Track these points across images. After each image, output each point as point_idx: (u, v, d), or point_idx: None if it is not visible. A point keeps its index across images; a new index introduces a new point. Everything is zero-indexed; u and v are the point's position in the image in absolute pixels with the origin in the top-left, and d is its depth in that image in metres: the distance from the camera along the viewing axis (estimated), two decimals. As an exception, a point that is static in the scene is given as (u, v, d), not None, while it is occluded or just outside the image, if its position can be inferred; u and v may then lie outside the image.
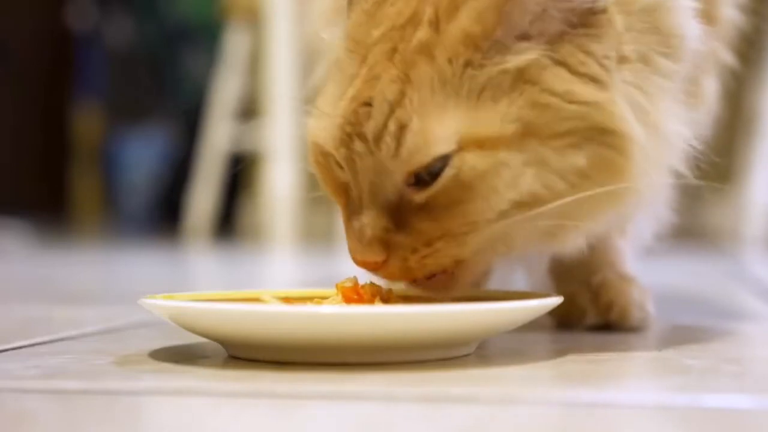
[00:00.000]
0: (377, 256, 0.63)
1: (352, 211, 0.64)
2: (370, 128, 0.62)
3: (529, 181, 0.62)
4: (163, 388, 0.56)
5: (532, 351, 0.70)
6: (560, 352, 0.67)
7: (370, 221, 0.63)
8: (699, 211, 2.35)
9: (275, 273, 1.80)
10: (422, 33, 0.62)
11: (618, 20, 0.63)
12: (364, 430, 0.46)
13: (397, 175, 0.62)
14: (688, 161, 0.78)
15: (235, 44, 2.72)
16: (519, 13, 0.62)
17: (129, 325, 0.84)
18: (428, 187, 0.62)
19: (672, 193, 0.89)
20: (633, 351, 0.70)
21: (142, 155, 4.39)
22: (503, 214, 0.62)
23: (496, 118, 0.61)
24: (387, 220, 0.63)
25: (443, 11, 0.62)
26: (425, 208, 0.63)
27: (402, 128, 0.61)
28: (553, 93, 0.61)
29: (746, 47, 0.82)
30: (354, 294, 0.65)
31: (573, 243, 0.68)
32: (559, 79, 0.62)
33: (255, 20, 2.64)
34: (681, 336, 0.77)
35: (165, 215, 3.94)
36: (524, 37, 0.62)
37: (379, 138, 0.61)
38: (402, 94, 0.61)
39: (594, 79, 0.62)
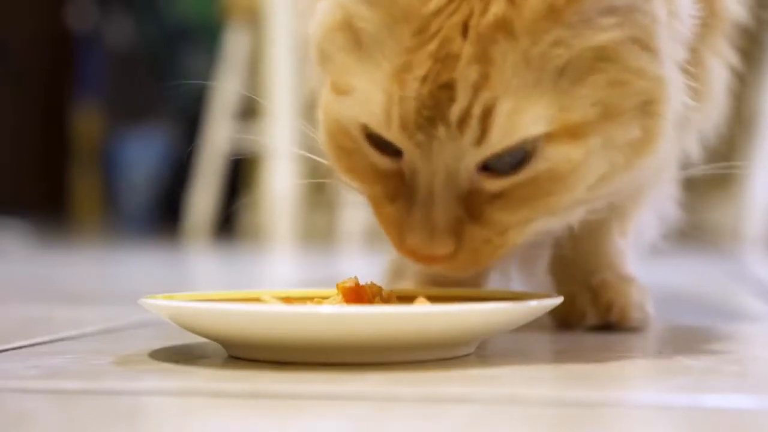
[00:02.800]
0: (447, 248, 0.60)
1: (412, 201, 0.61)
2: (454, 112, 0.58)
3: (603, 164, 0.61)
4: (163, 388, 0.56)
5: (532, 351, 0.70)
6: (560, 352, 0.67)
7: (444, 212, 0.60)
8: (699, 211, 2.35)
9: (275, 273, 1.80)
10: (498, 7, 0.57)
11: None
12: (364, 430, 0.46)
13: (474, 161, 0.59)
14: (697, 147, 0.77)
15: (235, 44, 2.72)
16: None
17: (129, 325, 0.84)
18: (504, 175, 0.60)
19: (675, 192, 0.89)
20: (633, 351, 0.70)
21: (142, 155, 4.39)
22: (579, 200, 0.62)
23: (583, 101, 0.59)
24: (460, 210, 0.61)
25: None
26: (501, 197, 0.61)
27: (488, 111, 0.58)
28: (629, 71, 0.59)
29: (748, 46, 0.82)
30: (354, 294, 0.65)
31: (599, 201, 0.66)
32: (633, 56, 0.59)
33: (255, 20, 2.64)
34: (681, 336, 0.77)
35: (165, 215, 3.94)
36: (610, 10, 0.59)
37: (463, 122, 0.58)
38: (485, 76, 0.57)
39: (655, 52, 0.60)
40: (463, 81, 0.58)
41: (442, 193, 0.60)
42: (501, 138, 0.58)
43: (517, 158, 0.59)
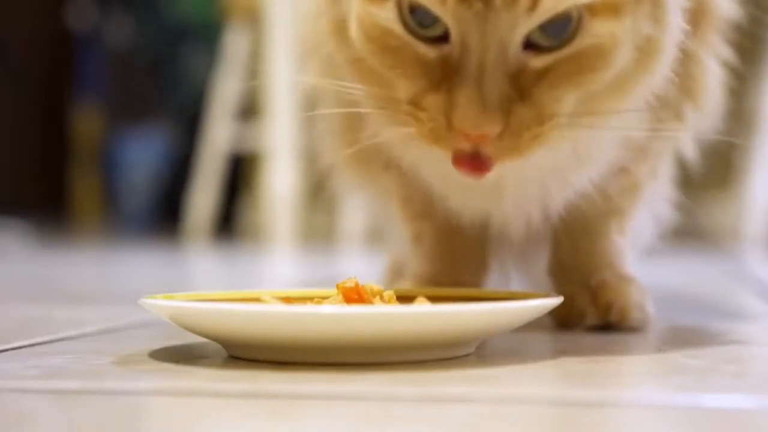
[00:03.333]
0: (497, 125, 0.60)
1: (465, 80, 0.60)
2: None
3: (630, 49, 0.62)
4: (163, 388, 0.56)
5: (532, 351, 0.70)
6: (560, 352, 0.67)
7: (495, 87, 0.60)
8: (699, 211, 2.35)
9: (275, 273, 1.80)
10: None
11: None
12: (363, 431, 0.46)
13: (524, 33, 0.60)
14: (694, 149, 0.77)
15: (235, 44, 2.72)
16: None
17: (129, 325, 0.84)
18: (551, 51, 0.60)
19: (672, 192, 0.89)
20: (633, 351, 0.70)
21: (142, 155, 4.39)
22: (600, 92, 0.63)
23: None
24: (509, 88, 0.60)
25: None
26: (546, 74, 0.61)
27: None
28: None
29: (746, 44, 0.82)
30: (354, 294, 0.65)
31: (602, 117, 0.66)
32: None
33: (255, 20, 2.64)
34: (681, 336, 0.78)
35: (165, 215, 3.94)
36: None
37: None
38: None
39: None
40: None
41: (494, 69, 0.60)
42: (553, 4, 0.59)
43: (562, 33, 0.60)
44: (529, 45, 0.60)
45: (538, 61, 0.61)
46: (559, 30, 0.60)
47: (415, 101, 0.62)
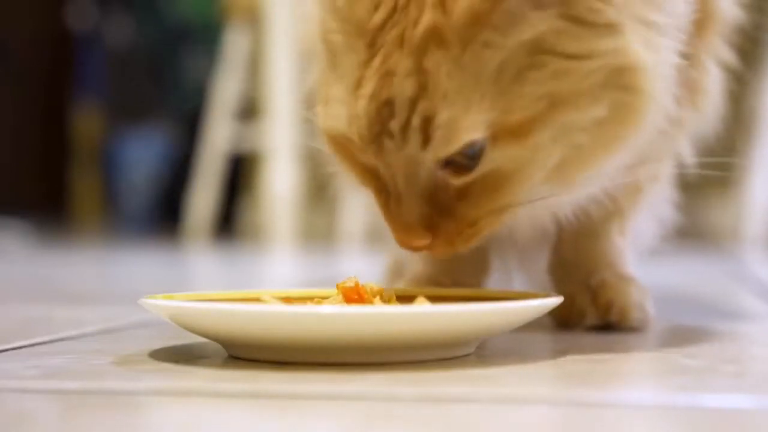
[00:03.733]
0: (423, 240, 0.63)
1: (391, 198, 0.63)
2: (395, 126, 0.60)
3: (558, 151, 0.61)
4: (163, 388, 0.56)
5: (532, 351, 0.70)
6: (560, 352, 0.67)
7: (410, 210, 0.63)
8: (699, 211, 2.35)
9: (275, 273, 1.80)
10: (428, 16, 0.59)
11: None
12: (363, 431, 0.46)
13: (429, 164, 0.61)
14: (693, 151, 0.77)
15: (235, 44, 2.72)
16: None
17: (129, 325, 0.84)
18: (466, 171, 0.61)
19: (673, 193, 0.89)
20: (633, 351, 0.70)
21: (142, 155, 4.39)
22: (539, 186, 0.63)
23: (523, 100, 0.59)
24: (427, 207, 0.63)
25: None
26: (464, 192, 0.62)
27: (427, 121, 0.59)
28: (572, 56, 0.60)
29: (747, 46, 0.82)
30: (354, 294, 0.65)
31: (577, 187, 0.66)
32: (576, 40, 0.60)
33: (255, 20, 2.64)
34: (681, 336, 0.78)
35: (165, 215, 3.94)
36: (537, 4, 0.59)
37: (405, 134, 0.60)
38: (421, 87, 0.59)
39: (610, 26, 0.60)
40: (400, 96, 0.60)
41: (407, 194, 0.63)
42: (442, 146, 0.60)
43: (472, 152, 0.61)
44: (450, 163, 0.61)
45: (456, 181, 0.62)
46: (471, 152, 0.61)
47: (370, 196, 0.66)
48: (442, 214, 0.63)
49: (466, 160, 0.61)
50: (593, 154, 0.63)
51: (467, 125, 0.59)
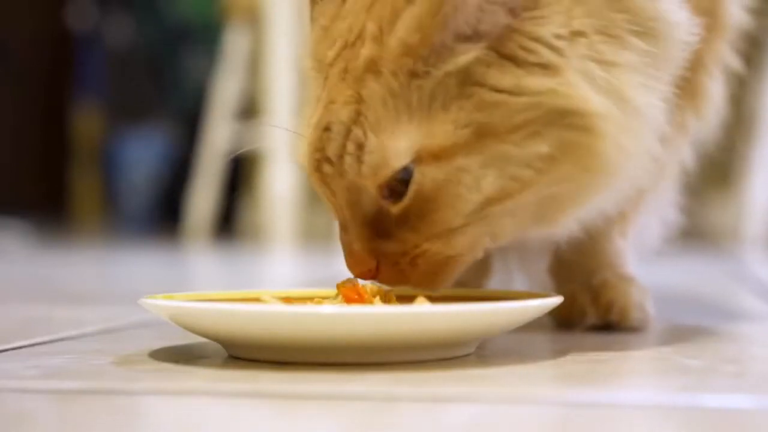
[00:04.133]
0: (368, 265, 0.65)
1: (340, 226, 0.66)
2: (331, 151, 0.63)
3: (491, 180, 0.62)
4: (163, 388, 0.56)
5: (532, 351, 0.70)
6: (560, 352, 0.67)
7: (355, 235, 0.65)
8: (699, 211, 2.35)
9: (275, 273, 1.80)
10: (367, 49, 0.62)
11: None
12: (364, 430, 0.46)
13: (369, 190, 0.63)
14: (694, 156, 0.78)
15: (235, 44, 2.72)
16: (457, 16, 0.60)
17: (129, 325, 0.84)
18: (398, 200, 0.63)
19: (676, 195, 0.89)
20: (633, 351, 0.70)
21: (142, 155, 4.39)
22: (475, 214, 0.63)
23: (448, 126, 0.61)
24: (370, 232, 0.64)
25: (385, 24, 0.61)
26: (402, 218, 0.64)
27: (359, 147, 0.62)
28: (501, 90, 0.61)
29: (748, 48, 0.82)
30: (354, 294, 0.65)
31: (564, 225, 0.68)
32: (506, 75, 0.61)
33: (255, 20, 2.64)
34: (681, 336, 0.78)
35: (165, 215, 3.94)
36: (466, 38, 0.61)
37: (341, 160, 0.63)
38: (356, 114, 0.62)
39: (545, 66, 0.61)
40: (337, 122, 0.63)
41: (350, 221, 0.65)
42: (372, 171, 0.62)
43: (406, 180, 0.62)
44: (388, 190, 0.63)
45: (395, 207, 0.64)
46: (403, 180, 0.62)
47: None
48: (384, 240, 0.64)
49: (400, 186, 0.62)
50: (568, 197, 0.64)
51: (396, 151, 0.61)
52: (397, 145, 0.61)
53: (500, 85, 0.61)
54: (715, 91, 0.78)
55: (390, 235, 0.64)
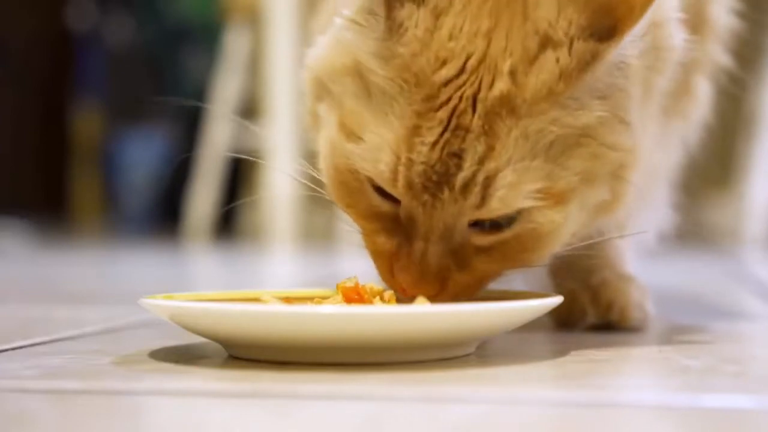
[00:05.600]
0: (433, 290, 0.65)
1: (410, 245, 0.64)
2: (459, 179, 0.62)
3: (575, 223, 0.66)
4: (163, 388, 0.56)
5: (532, 351, 0.70)
6: (560, 352, 0.67)
7: (435, 259, 0.64)
8: (699, 211, 2.35)
9: (275, 273, 1.80)
10: (503, 84, 0.62)
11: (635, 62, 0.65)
12: (364, 430, 0.46)
13: (468, 220, 0.64)
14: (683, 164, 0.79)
15: (235, 44, 2.72)
16: (602, 73, 0.63)
17: (129, 325, 0.84)
18: (492, 233, 0.64)
19: (673, 194, 0.89)
20: (633, 351, 0.70)
21: (142, 155, 4.38)
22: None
23: (568, 173, 0.63)
24: (448, 259, 0.65)
25: (519, 62, 0.62)
26: (486, 250, 0.65)
27: (489, 181, 0.62)
28: (606, 145, 0.64)
29: (746, 50, 0.83)
30: (354, 294, 0.65)
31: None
32: (611, 132, 0.64)
33: (255, 20, 2.64)
34: (681, 336, 0.78)
35: (165, 215, 3.94)
36: (599, 95, 0.63)
37: (466, 189, 0.62)
38: (490, 148, 0.62)
39: (629, 125, 0.65)
40: (472, 151, 0.62)
41: (437, 244, 0.64)
42: (499, 206, 0.63)
43: (506, 219, 0.64)
44: (476, 223, 0.64)
45: (480, 240, 0.65)
46: (503, 217, 0.64)
47: (366, 234, 0.67)
48: (459, 268, 0.65)
49: (492, 223, 0.64)
50: (582, 230, 0.69)
51: (524, 191, 0.62)
52: (525, 186, 0.62)
53: (607, 141, 0.64)
54: (702, 92, 0.79)
55: (466, 265, 0.65)
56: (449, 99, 0.62)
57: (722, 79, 0.84)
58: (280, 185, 2.43)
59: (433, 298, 0.64)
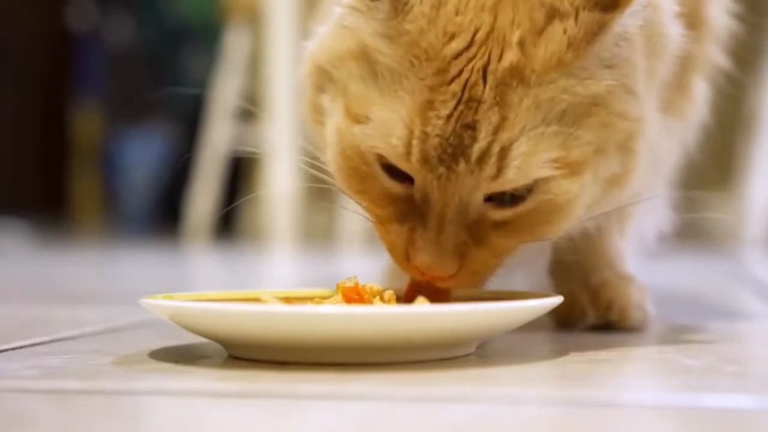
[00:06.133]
0: (452, 269, 0.64)
1: (428, 224, 0.64)
2: (475, 150, 0.62)
3: (590, 196, 0.66)
4: (163, 388, 0.56)
5: (532, 351, 0.70)
6: (560, 352, 0.67)
7: (452, 236, 0.64)
8: (699, 212, 2.35)
9: (275, 273, 1.80)
10: (512, 55, 0.62)
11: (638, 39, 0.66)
12: (364, 430, 0.46)
13: (484, 193, 0.63)
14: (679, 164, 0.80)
15: (235, 44, 2.72)
16: (608, 43, 0.64)
17: (129, 325, 0.84)
18: (509, 206, 0.64)
19: (673, 194, 0.89)
20: (633, 351, 0.70)
21: (142, 155, 4.39)
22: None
23: (580, 141, 0.64)
24: (465, 235, 0.64)
25: (527, 33, 0.63)
26: (503, 225, 0.65)
27: (505, 151, 0.62)
28: (616, 113, 0.65)
29: (745, 51, 0.83)
30: (354, 294, 0.65)
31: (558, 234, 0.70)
32: (620, 101, 0.65)
33: (255, 20, 2.64)
34: (681, 336, 0.78)
35: (165, 215, 3.94)
36: (607, 64, 0.64)
37: (482, 160, 0.62)
38: (503, 118, 0.62)
39: (637, 95, 0.65)
40: (486, 122, 0.62)
41: (453, 220, 0.64)
42: (516, 176, 0.63)
43: (522, 191, 0.64)
44: (491, 198, 0.64)
45: (497, 214, 0.65)
46: (519, 190, 0.64)
47: (381, 221, 0.67)
48: (476, 243, 0.65)
49: (508, 197, 0.64)
50: (597, 205, 0.68)
51: (539, 162, 0.62)
52: (540, 155, 0.62)
53: (616, 109, 0.64)
54: (699, 93, 0.80)
55: (483, 241, 0.65)
56: (461, 72, 0.62)
57: (720, 80, 0.84)
58: (280, 185, 2.43)
59: (454, 278, 0.64)
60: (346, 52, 0.66)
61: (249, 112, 2.73)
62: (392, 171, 0.64)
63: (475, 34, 0.63)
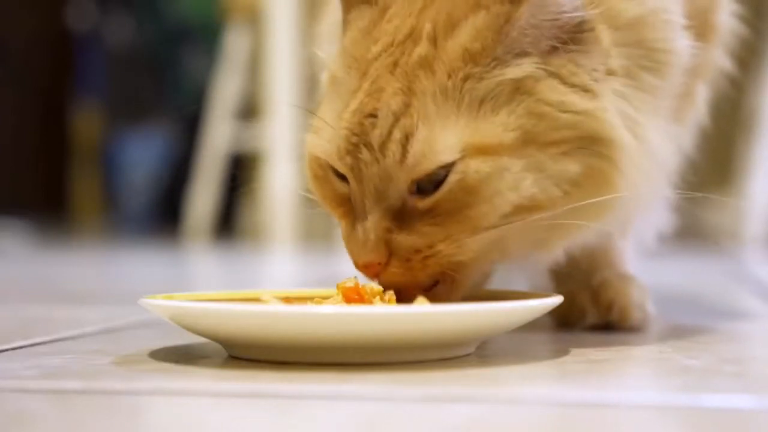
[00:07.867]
0: (380, 258, 0.65)
1: (355, 217, 0.66)
2: (375, 137, 0.64)
3: (528, 185, 0.64)
4: (163, 388, 0.56)
5: (532, 351, 0.70)
6: (560, 352, 0.67)
7: (373, 224, 0.65)
8: (699, 211, 2.35)
9: (275, 273, 1.80)
10: (422, 48, 0.65)
11: (605, 36, 0.67)
12: (364, 430, 0.46)
13: (401, 182, 0.64)
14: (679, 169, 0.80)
15: (235, 44, 2.72)
16: (516, 33, 0.65)
17: (129, 325, 0.84)
18: (431, 195, 0.64)
19: (673, 195, 0.89)
20: (633, 351, 0.70)
21: (142, 155, 4.39)
22: (504, 218, 0.64)
23: (496, 127, 0.64)
24: (390, 223, 0.65)
25: (441, 28, 0.65)
26: (429, 213, 0.65)
27: (407, 136, 0.64)
28: (547, 103, 0.65)
29: (745, 52, 0.83)
30: (354, 294, 0.65)
31: (561, 250, 0.71)
32: (552, 90, 0.65)
33: (255, 20, 2.64)
34: (681, 336, 0.78)
35: (165, 215, 3.94)
36: (521, 54, 0.65)
37: (384, 146, 0.64)
38: (406, 105, 0.64)
39: (585, 89, 0.65)
40: (385, 109, 0.64)
41: (372, 209, 0.65)
42: (419, 160, 0.63)
43: (440, 177, 0.64)
44: (418, 190, 0.65)
45: (421, 203, 0.65)
46: (437, 177, 0.64)
47: (339, 223, 0.69)
48: (403, 231, 0.65)
49: (432, 185, 0.64)
50: (573, 216, 0.66)
51: (443, 146, 0.63)
52: (445, 139, 0.63)
53: (548, 98, 0.65)
54: (700, 96, 0.80)
55: (410, 229, 0.65)
56: (376, 71, 0.65)
57: (722, 81, 0.84)
58: (279, 185, 2.43)
59: (387, 266, 0.65)
60: (325, 81, 0.71)
61: (249, 112, 2.73)
62: (337, 173, 0.67)
63: (395, 36, 0.66)
